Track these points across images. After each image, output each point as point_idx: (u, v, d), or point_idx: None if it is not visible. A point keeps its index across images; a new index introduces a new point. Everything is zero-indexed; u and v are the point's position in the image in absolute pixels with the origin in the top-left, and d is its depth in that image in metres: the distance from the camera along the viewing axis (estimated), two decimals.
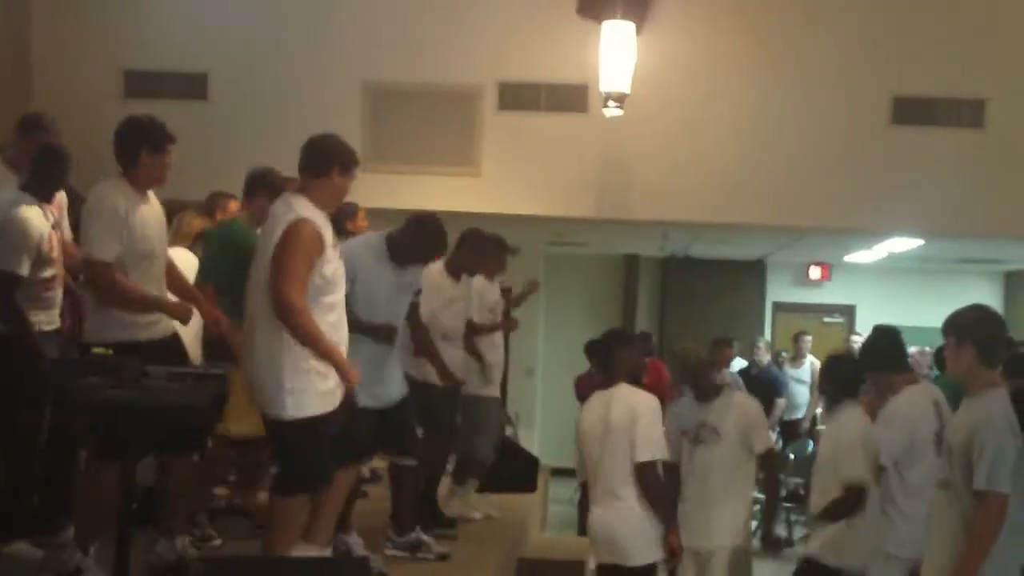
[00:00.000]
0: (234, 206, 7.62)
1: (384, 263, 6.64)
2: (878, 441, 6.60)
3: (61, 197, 6.35)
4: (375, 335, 6.50)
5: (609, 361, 7.24)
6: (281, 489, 5.60)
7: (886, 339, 7.25)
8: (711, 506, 7.13)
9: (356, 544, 6.70)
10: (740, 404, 7.40)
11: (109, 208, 5.70)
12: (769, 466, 7.52)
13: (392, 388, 6.69)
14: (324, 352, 5.37)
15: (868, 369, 7.04)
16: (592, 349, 12.67)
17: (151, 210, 5.91)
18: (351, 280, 6.20)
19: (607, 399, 7.07)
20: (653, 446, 6.86)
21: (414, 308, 7.00)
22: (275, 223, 5.47)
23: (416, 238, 6.74)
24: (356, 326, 6.20)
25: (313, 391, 5.40)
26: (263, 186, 6.69)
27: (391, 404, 6.64)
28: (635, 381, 7.16)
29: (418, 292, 6.96)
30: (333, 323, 5.52)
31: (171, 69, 12.07)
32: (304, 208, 5.47)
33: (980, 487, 5.10)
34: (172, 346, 6.02)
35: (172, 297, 6.10)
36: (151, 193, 5.95)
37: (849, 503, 6.60)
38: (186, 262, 6.90)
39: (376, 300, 6.54)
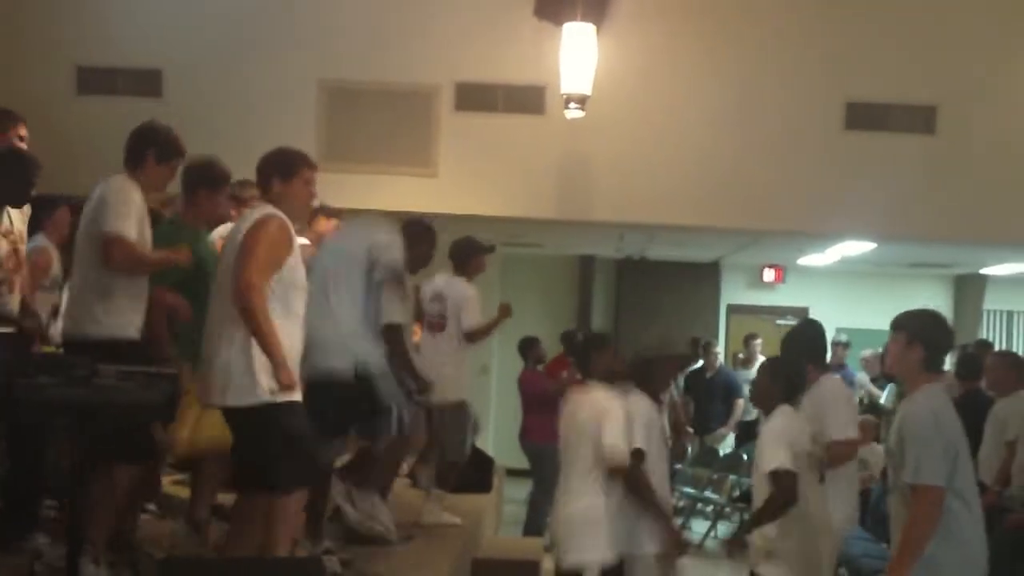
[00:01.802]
0: None
1: None
2: (802, 439, 6.54)
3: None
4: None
5: (585, 363, 7.21)
6: (278, 485, 5.43)
7: (814, 331, 7.35)
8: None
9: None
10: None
11: (128, 197, 5.81)
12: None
13: None
14: (268, 341, 5.26)
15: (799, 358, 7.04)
16: (524, 346, 12.79)
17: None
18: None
19: (578, 403, 7.05)
20: (621, 448, 6.76)
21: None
22: (244, 222, 5.55)
23: (415, 243, 7.04)
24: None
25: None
26: (201, 182, 6.61)
27: None
28: (614, 381, 7.10)
29: None
30: (289, 332, 5.46)
31: (125, 65, 12.00)
32: (274, 210, 5.54)
33: (909, 480, 5.17)
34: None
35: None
36: None
37: (779, 496, 6.33)
38: None
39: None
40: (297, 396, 5.44)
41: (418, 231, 7.37)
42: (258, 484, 5.50)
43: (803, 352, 7.08)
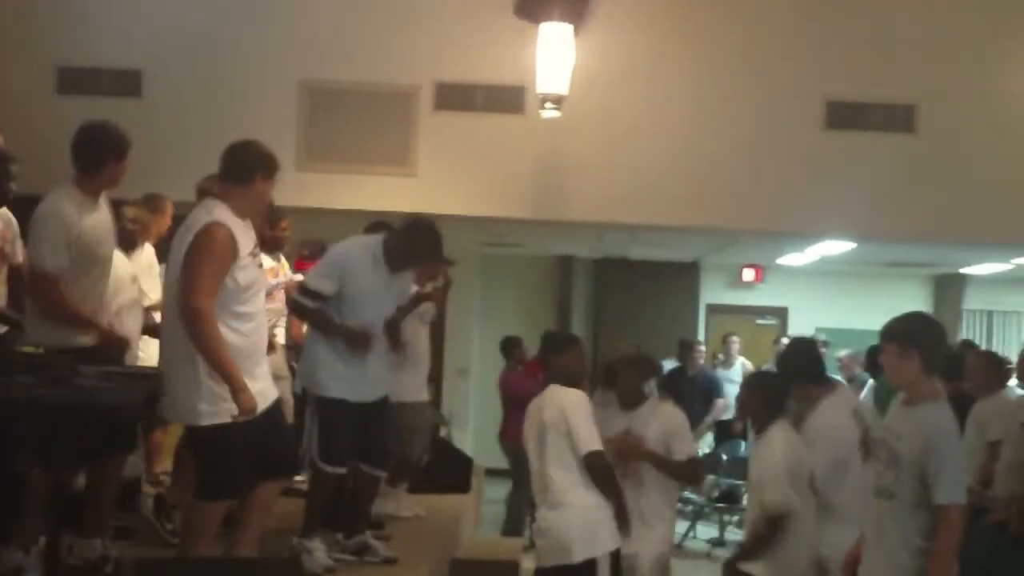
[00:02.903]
0: (171, 208, 7.73)
1: (380, 267, 6.70)
2: (803, 463, 6.69)
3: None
4: (348, 341, 6.55)
5: (545, 366, 7.22)
6: (200, 494, 5.55)
7: (804, 349, 7.37)
8: (637, 513, 7.15)
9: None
10: (664, 412, 7.47)
11: (59, 219, 5.78)
12: (690, 474, 7.60)
13: (373, 387, 6.78)
14: (221, 366, 5.23)
15: (790, 380, 7.12)
16: (507, 346, 12.81)
17: (101, 215, 5.96)
18: (340, 282, 6.44)
19: (540, 404, 7.05)
20: (592, 437, 6.80)
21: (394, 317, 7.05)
22: (189, 227, 5.45)
23: (408, 242, 6.79)
24: (330, 329, 6.47)
25: (228, 398, 5.32)
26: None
27: (369, 402, 6.74)
28: (574, 386, 7.09)
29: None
30: (248, 332, 5.45)
31: (105, 66, 11.93)
32: (221, 213, 5.43)
33: (943, 502, 5.11)
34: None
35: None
36: (103, 196, 6.02)
37: (768, 534, 6.61)
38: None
39: (365, 304, 6.60)
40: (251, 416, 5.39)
41: (402, 232, 7.01)
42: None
43: (798, 372, 7.12)
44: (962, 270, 17.40)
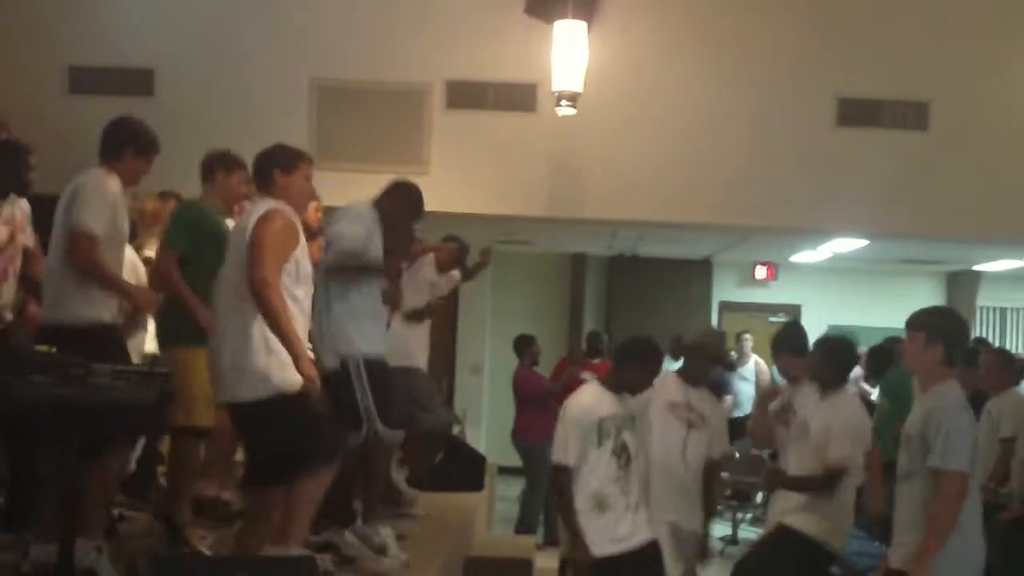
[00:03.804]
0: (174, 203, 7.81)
1: (377, 230, 6.71)
2: (865, 426, 7.05)
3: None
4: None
5: (619, 367, 7.16)
6: (303, 468, 5.44)
7: (797, 329, 7.48)
8: (697, 489, 7.33)
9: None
10: (718, 404, 7.74)
11: (104, 191, 5.86)
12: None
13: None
14: (287, 334, 5.28)
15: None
16: (520, 344, 12.78)
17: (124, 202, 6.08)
18: (370, 238, 6.54)
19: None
20: (560, 450, 6.82)
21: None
22: (250, 216, 5.53)
23: (400, 202, 6.94)
24: (379, 271, 6.58)
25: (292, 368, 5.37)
26: (218, 162, 6.76)
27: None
28: (621, 392, 7.10)
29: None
30: (295, 317, 5.47)
31: (116, 65, 11.97)
32: (276, 204, 5.55)
33: (936, 464, 5.21)
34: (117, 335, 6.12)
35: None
36: None
37: (825, 481, 6.72)
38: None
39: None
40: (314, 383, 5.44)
41: (392, 191, 7.13)
42: (276, 475, 5.50)
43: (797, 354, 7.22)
44: (975, 267, 17.35)
